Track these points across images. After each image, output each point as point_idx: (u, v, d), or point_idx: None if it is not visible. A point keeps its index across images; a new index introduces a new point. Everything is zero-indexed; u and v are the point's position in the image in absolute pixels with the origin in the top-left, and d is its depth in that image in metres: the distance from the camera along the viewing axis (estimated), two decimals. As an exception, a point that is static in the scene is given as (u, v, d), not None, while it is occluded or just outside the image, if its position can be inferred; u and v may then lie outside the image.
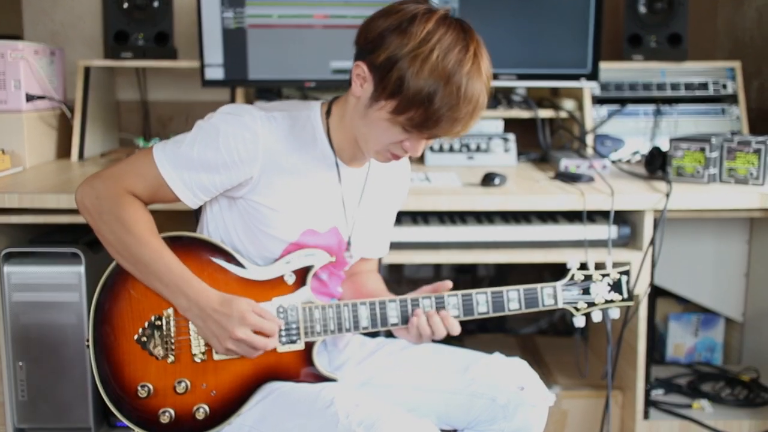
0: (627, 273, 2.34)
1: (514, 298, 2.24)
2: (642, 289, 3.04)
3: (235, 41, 3.46)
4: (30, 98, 3.45)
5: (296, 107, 2.23)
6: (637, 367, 3.17)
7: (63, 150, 3.71)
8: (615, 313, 2.35)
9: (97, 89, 3.81)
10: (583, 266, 2.33)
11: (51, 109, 3.64)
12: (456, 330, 2.20)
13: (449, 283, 2.25)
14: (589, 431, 3.40)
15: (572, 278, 2.30)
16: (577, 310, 2.30)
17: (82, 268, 2.84)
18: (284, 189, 2.15)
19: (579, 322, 2.31)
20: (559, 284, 2.28)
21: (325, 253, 2.24)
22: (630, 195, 2.99)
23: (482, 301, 2.23)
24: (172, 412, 2.16)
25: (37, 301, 2.86)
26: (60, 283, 2.85)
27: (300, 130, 2.18)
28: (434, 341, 2.27)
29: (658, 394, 3.49)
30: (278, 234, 2.18)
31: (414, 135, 2.04)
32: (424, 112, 1.96)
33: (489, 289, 2.23)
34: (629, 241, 3.06)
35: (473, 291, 2.23)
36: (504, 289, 2.24)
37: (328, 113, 2.21)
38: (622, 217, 3.06)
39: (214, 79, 3.50)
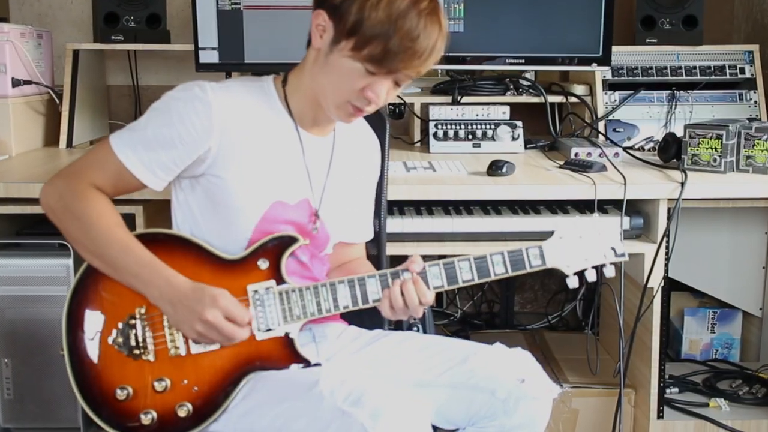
0: (617, 229, 2.32)
1: (498, 261, 2.22)
2: (656, 283, 3.04)
3: (230, 23, 3.46)
4: (16, 83, 3.44)
5: (249, 79, 2.31)
6: (651, 364, 3.16)
7: (51, 137, 3.71)
8: (610, 271, 2.30)
9: (86, 74, 3.80)
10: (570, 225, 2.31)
11: (38, 94, 3.63)
12: (428, 298, 2.18)
13: (418, 257, 2.23)
14: (601, 431, 3.40)
15: (559, 237, 2.28)
16: (568, 269, 2.28)
17: (70, 261, 2.84)
18: (244, 159, 2.18)
19: (572, 282, 2.27)
20: (545, 243, 2.26)
21: (298, 235, 2.25)
22: (643, 184, 2.99)
23: (465, 268, 2.21)
24: (154, 413, 2.15)
25: (23, 294, 2.86)
26: (48, 276, 2.85)
27: (255, 98, 2.24)
28: (416, 317, 2.27)
29: (672, 392, 3.48)
30: (245, 208, 2.20)
31: (376, 76, 2.11)
32: (384, 45, 2.04)
33: (471, 255, 2.22)
34: (642, 232, 3.06)
35: (455, 258, 2.21)
36: (487, 253, 2.22)
37: (284, 82, 2.27)
38: (634, 208, 3.05)
39: (208, 62, 3.49)
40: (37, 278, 2.85)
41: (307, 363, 2.21)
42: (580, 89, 3.84)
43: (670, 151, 3.25)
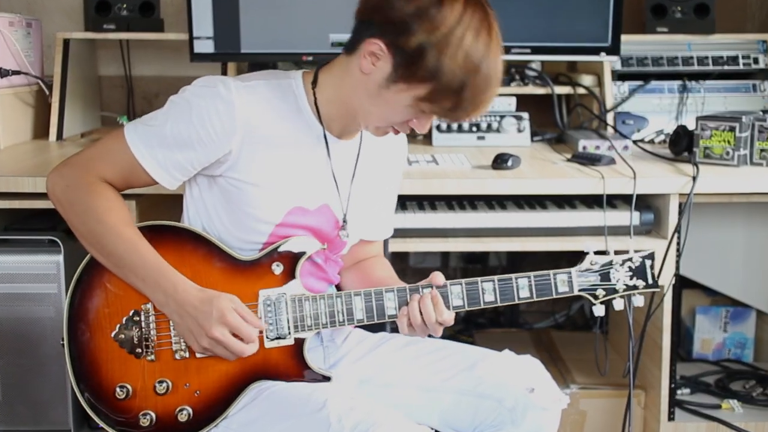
0: (651, 257, 2.31)
1: (524, 285, 2.19)
2: (666, 280, 3.03)
3: (226, 11, 3.44)
4: (4, 73, 3.43)
5: (275, 76, 2.23)
6: (662, 365, 3.16)
7: (40, 130, 3.70)
8: (639, 301, 2.29)
9: (77, 64, 3.79)
10: (602, 252, 2.30)
11: (27, 85, 3.62)
12: (446, 317, 2.14)
13: (440, 275, 2.21)
14: (609, 433, 3.40)
15: (590, 263, 2.27)
16: (596, 297, 2.27)
17: (60, 257, 2.82)
18: (266, 163, 2.14)
19: (598, 311, 2.27)
20: (574, 270, 2.24)
21: (316, 240, 2.22)
22: (654, 178, 2.99)
23: (489, 289, 2.19)
24: (153, 414, 2.14)
25: (12, 292, 2.84)
26: (37, 273, 2.83)
27: (281, 99, 2.17)
28: (435, 336, 2.25)
29: (684, 393, 3.48)
30: (262, 214, 2.16)
31: (428, 115, 2.07)
32: (454, 100, 1.99)
33: (496, 277, 2.19)
34: (653, 228, 3.05)
35: (479, 279, 2.19)
36: (513, 276, 2.19)
37: (314, 82, 2.19)
38: (645, 202, 3.05)
39: (203, 52, 3.48)
40: (26, 275, 2.83)
41: (314, 376, 2.20)
42: (588, 80, 3.84)
43: (681, 144, 3.25)
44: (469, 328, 4.17)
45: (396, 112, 2.06)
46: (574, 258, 2.31)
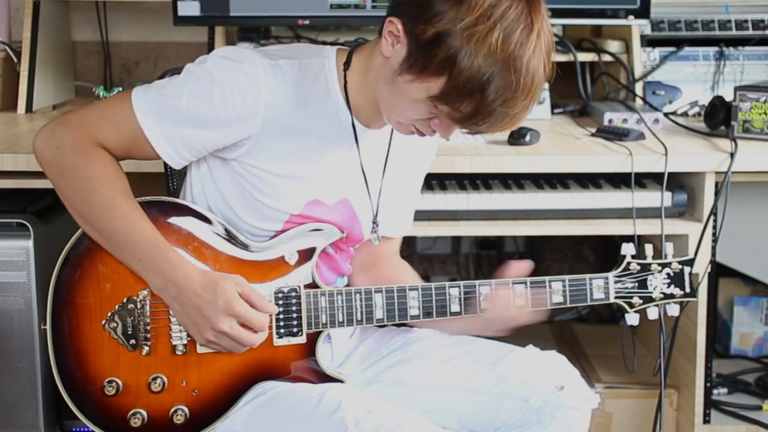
0: (690, 263, 2.32)
1: (557, 290, 2.24)
2: (701, 268, 3.02)
3: (213, -31, 3.44)
4: (-32, 39, 3.44)
5: (306, 54, 2.17)
6: (696, 362, 3.16)
7: (8, 101, 3.70)
8: (674, 310, 2.35)
9: (48, 28, 3.78)
10: (639, 254, 2.31)
11: (-7, 52, 3.63)
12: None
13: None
14: (638, 437, 3.40)
15: (626, 268, 2.28)
16: (631, 306, 2.29)
17: (30, 243, 2.81)
18: (287, 152, 2.12)
19: (632, 319, 2.31)
20: (611, 275, 2.27)
21: (335, 228, 2.21)
22: (687, 155, 2.99)
23: (520, 292, 2.22)
24: (145, 413, 2.14)
25: (-25, 281, 2.84)
26: (3, 260, 2.83)
27: (310, 82, 2.13)
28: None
29: (720, 393, 3.48)
30: (278, 204, 2.15)
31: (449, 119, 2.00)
32: (474, 103, 1.91)
33: (528, 279, 2.22)
34: (686, 209, 3.05)
35: (510, 279, 2.21)
36: (546, 279, 2.23)
37: (347, 63, 2.15)
38: (677, 182, 3.04)
39: (188, 15, 3.46)
40: (-8, 262, 2.84)
41: (326, 379, 2.20)
42: (614, 46, 3.83)
43: (717, 117, 3.23)
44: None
45: (410, 106, 2.00)
46: (596, 241, 2.31)
